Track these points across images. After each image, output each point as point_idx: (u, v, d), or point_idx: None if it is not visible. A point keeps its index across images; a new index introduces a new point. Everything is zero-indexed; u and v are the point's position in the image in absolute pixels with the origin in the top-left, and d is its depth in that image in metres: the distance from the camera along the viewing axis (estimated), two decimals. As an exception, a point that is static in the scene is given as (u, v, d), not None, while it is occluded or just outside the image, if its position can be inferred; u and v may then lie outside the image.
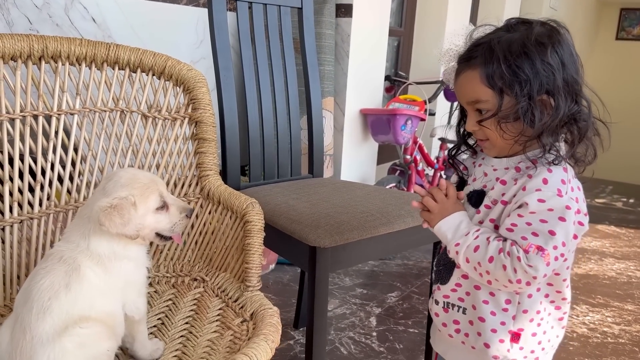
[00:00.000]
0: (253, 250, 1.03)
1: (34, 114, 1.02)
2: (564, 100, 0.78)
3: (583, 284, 2.42)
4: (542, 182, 0.77)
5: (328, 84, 2.43)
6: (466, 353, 0.90)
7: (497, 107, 0.79)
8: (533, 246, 0.75)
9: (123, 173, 0.86)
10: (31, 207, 1.02)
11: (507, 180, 0.82)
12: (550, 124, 0.78)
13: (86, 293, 0.80)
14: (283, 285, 2.19)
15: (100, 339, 0.79)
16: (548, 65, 0.77)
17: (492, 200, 0.83)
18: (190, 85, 1.14)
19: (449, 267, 0.90)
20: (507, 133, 0.80)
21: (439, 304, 0.92)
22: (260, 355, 0.79)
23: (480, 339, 0.86)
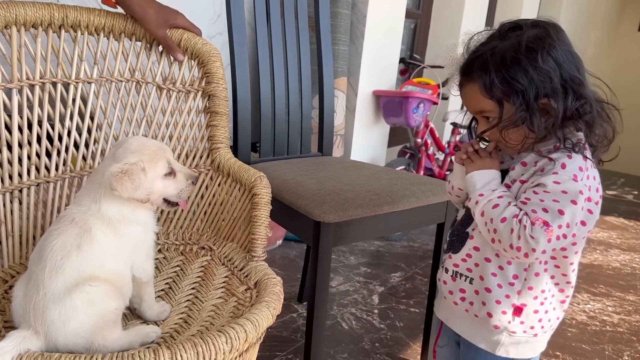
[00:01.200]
0: (259, 222, 1.06)
1: (52, 81, 1.05)
2: (563, 100, 0.80)
3: (587, 273, 2.43)
4: (560, 166, 0.80)
5: (342, 63, 2.43)
6: (468, 320, 0.94)
7: (498, 117, 0.82)
8: (540, 220, 0.77)
9: (132, 140, 0.89)
10: (48, 171, 1.06)
11: (527, 162, 0.85)
12: (552, 125, 0.80)
13: (96, 253, 0.83)
14: (289, 261, 2.23)
15: (108, 297, 0.81)
16: (542, 70, 0.79)
17: (512, 179, 0.86)
18: (204, 59, 1.16)
19: (462, 237, 0.93)
20: (510, 141, 0.84)
21: (448, 272, 0.95)
22: (262, 320, 0.83)
23: (484, 309, 0.90)
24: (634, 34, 7.09)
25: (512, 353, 0.91)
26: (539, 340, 0.92)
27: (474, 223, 0.90)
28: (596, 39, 6.22)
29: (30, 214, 1.03)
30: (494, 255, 0.88)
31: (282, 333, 1.64)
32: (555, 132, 0.81)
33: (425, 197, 1.30)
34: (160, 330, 0.89)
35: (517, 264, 0.87)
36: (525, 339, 0.90)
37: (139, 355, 0.70)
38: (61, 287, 0.78)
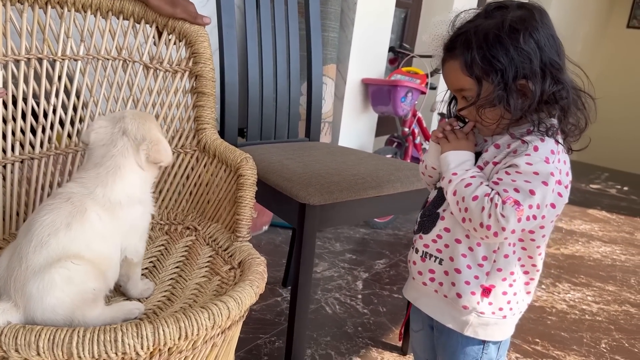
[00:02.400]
0: (245, 203, 1.06)
1: (38, 57, 1.05)
2: (541, 83, 0.81)
3: (568, 264, 2.47)
4: (533, 149, 0.81)
5: (331, 50, 2.44)
6: (437, 301, 0.95)
7: (476, 95, 0.83)
8: (511, 199, 0.79)
9: (131, 115, 0.91)
10: (32, 148, 1.05)
11: (500, 145, 0.86)
12: (528, 107, 0.81)
13: (86, 234, 0.83)
14: (275, 246, 2.24)
15: (88, 277, 0.80)
16: (523, 51, 0.80)
17: (484, 161, 0.88)
18: (192, 39, 1.16)
19: (432, 218, 0.94)
20: (486, 120, 0.84)
21: (418, 252, 0.96)
22: (245, 298, 0.83)
23: (453, 289, 0.91)
24: (623, 30, 7.15)
25: (480, 334, 0.92)
26: (507, 322, 0.93)
27: (445, 204, 0.91)
28: (585, 35, 6.26)
29: (14, 191, 1.03)
30: (464, 237, 0.89)
31: (265, 316, 1.65)
32: (531, 115, 0.82)
33: (410, 183, 1.32)
34: (144, 307, 0.90)
35: (486, 245, 0.88)
36: (494, 320, 0.91)
37: (121, 329, 0.71)
38: (42, 262, 0.78)
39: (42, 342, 0.68)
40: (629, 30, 7.12)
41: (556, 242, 2.75)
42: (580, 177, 4.43)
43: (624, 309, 2.07)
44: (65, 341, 0.68)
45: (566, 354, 1.67)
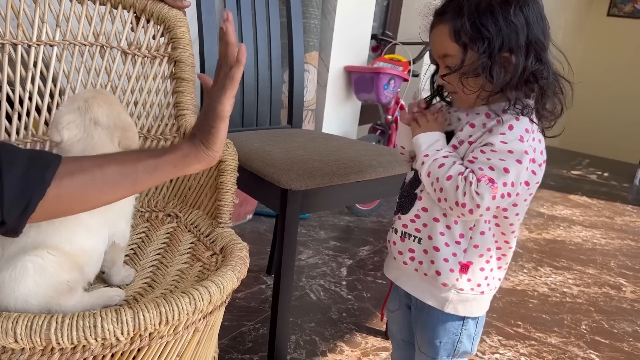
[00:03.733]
0: (226, 189, 1.06)
1: (13, 42, 1.02)
2: (524, 59, 0.81)
3: (550, 248, 2.51)
4: (507, 127, 0.82)
5: (313, 37, 2.42)
6: (418, 280, 0.96)
7: (460, 62, 0.83)
8: (486, 177, 0.80)
9: (94, 102, 0.88)
10: (8, 135, 1.04)
11: (476, 124, 0.87)
12: (510, 81, 0.82)
13: (69, 227, 0.81)
14: (259, 235, 2.24)
15: (62, 269, 0.79)
16: (511, 23, 0.80)
17: (459, 140, 0.88)
18: (170, 24, 1.15)
19: (411, 198, 0.95)
20: (468, 88, 0.84)
21: (397, 232, 0.97)
22: (227, 283, 0.83)
23: (432, 267, 0.92)
24: (604, 18, 7.21)
25: (460, 310, 0.93)
26: (484, 298, 0.94)
27: (422, 184, 0.92)
28: (566, 23, 6.31)
29: (-10, 179, 1.01)
30: (442, 215, 0.90)
31: (250, 304, 1.65)
32: (510, 91, 0.82)
33: (392, 168, 1.32)
34: (124, 293, 0.89)
35: (463, 223, 0.89)
36: (473, 296, 0.93)
37: (100, 314, 0.70)
38: (18, 251, 0.77)
39: (20, 329, 0.67)
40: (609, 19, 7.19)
41: (538, 227, 2.78)
42: (562, 163, 4.48)
43: (603, 291, 2.10)
44: (44, 327, 0.67)
45: (547, 335, 1.70)
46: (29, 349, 0.68)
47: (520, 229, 2.69)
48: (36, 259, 0.76)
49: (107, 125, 0.88)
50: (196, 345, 0.85)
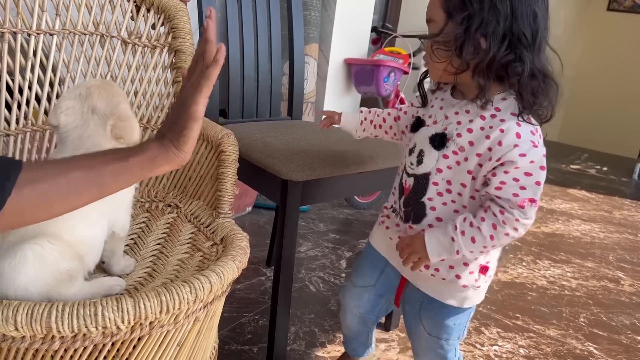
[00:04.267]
0: (227, 179, 1.05)
1: (12, 31, 1.02)
2: (496, 48, 0.81)
3: (548, 242, 2.51)
4: (516, 137, 0.81)
5: (313, 29, 2.41)
6: (435, 283, 0.96)
7: (439, 30, 0.84)
8: (526, 200, 0.81)
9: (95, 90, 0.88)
10: (8, 124, 1.03)
11: (474, 129, 0.86)
12: (477, 64, 0.82)
13: (70, 217, 0.81)
14: (259, 227, 2.24)
15: (62, 258, 0.79)
16: (495, 9, 0.80)
17: (460, 147, 0.87)
18: (171, 14, 1.14)
19: (419, 207, 0.94)
20: (436, 56, 0.85)
21: None
22: (227, 272, 0.83)
23: (452, 272, 0.92)
24: (603, 14, 7.19)
25: (475, 301, 0.96)
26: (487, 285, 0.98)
27: (428, 192, 0.91)
28: (566, 19, 6.29)
29: (-11, 168, 1.01)
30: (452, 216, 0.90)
31: (249, 295, 1.66)
32: (478, 76, 0.82)
33: (392, 160, 1.32)
34: (125, 283, 0.89)
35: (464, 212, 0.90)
36: (483, 287, 0.95)
37: (101, 303, 0.70)
38: (18, 239, 0.76)
39: (20, 317, 0.67)
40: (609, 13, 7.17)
41: (537, 221, 2.78)
42: (561, 157, 4.48)
43: (602, 284, 2.11)
44: (44, 316, 0.67)
45: (546, 327, 1.70)
46: (29, 336, 0.68)
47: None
48: (36, 248, 0.76)
49: (104, 114, 0.87)
50: (196, 335, 0.85)
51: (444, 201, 0.91)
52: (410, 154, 0.95)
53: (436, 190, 0.91)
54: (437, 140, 0.90)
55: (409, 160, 0.95)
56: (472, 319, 1.70)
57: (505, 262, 2.19)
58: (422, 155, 0.92)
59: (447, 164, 0.89)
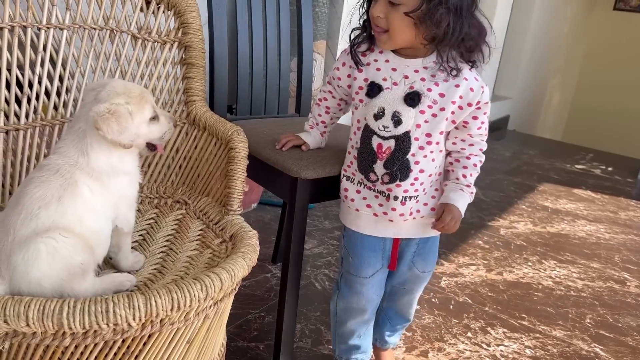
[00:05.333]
0: (236, 176, 1.05)
1: (22, 25, 1.01)
2: (465, 21, 0.92)
3: (554, 242, 2.50)
4: (476, 80, 0.99)
5: (321, 26, 2.40)
6: (416, 224, 1.10)
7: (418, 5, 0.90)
8: None
9: (115, 83, 0.85)
10: (17, 119, 1.03)
11: (439, 82, 0.98)
12: (450, 37, 0.92)
13: (78, 208, 0.81)
14: (264, 224, 2.24)
15: (75, 251, 0.79)
16: None
17: (433, 100, 0.98)
18: (181, 9, 1.13)
19: (404, 165, 1.02)
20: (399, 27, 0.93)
21: (397, 199, 1.04)
22: (237, 270, 0.82)
23: (426, 208, 1.08)
24: (610, 12, 7.16)
25: None
26: None
27: (412, 148, 1.00)
28: (572, 17, 6.27)
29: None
30: (433, 168, 1.04)
31: (255, 292, 1.65)
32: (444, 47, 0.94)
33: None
34: (135, 279, 0.89)
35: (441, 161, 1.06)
36: None
37: (112, 300, 0.70)
38: (30, 233, 0.76)
39: (32, 313, 0.66)
40: (615, 12, 7.14)
41: (542, 221, 2.77)
42: (566, 157, 4.46)
43: (608, 285, 2.10)
44: (56, 312, 0.66)
45: (552, 328, 1.70)
46: (40, 332, 0.68)
47: (524, 222, 2.68)
48: (49, 241, 0.76)
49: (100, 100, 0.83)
50: (206, 332, 0.85)
51: (424, 154, 1.01)
52: (379, 118, 1.00)
53: (418, 145, 1.00)
54: (414, 99, 0.98)
55: (380, 124, 1.00)
56: (478, 318, 1.69)
57: (510, 261, 2.19)
58: (399, 116, 0.99)
59: (424, 119, 0.99)
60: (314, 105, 1.22)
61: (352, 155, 1.08)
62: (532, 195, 3.23)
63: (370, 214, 1.08)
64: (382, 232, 1.10)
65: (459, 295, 1.83)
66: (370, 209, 1.08)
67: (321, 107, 1.20)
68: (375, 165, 1.03)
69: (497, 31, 4.42)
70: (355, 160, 1.07)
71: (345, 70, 1.09)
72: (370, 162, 1.04)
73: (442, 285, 1.88)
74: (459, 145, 1.06)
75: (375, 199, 1.06)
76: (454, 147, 1.07)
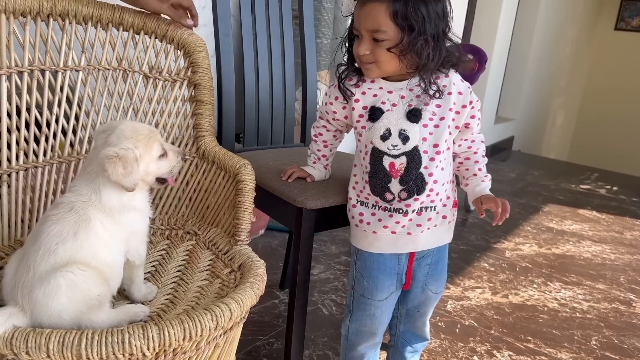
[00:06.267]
0: (244, 207, 1.09)
1: (41, 69, 1.08)
2: (443, 46, 1.01)
3: (559, 263, 2.52)
4: (461, 82, 1.07)
5: (325, 57, 2.47)
6: (431, 234, 1.14)
7: (399, 40, 0.98)
8: None
9: (124, 126, 0.90)
10: (36, 157, 1.08)
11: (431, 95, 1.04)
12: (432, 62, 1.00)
13: (92, 243, 0.85)
14: (272, 250, 2.27)
15: (93, 283, 0.83)
16: (436, 14, 0.98)
17: (432, 112, 1.05)
18: (190, 49, 1.19)
19: (420, 178, 1.07)
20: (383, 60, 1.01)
21: (414, 212, 1.09)
22: (246, 300, 0.87)
23: (438, 216, 1.13)
24: (611, 33, 7.24)
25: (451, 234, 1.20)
26: None
27: (424, 161, 1.06)
28: (574, 37, 6.34)
29: (19, 198, 1.06)
30: (446, 175, 1.10)
31: (264, 318, 1.68)
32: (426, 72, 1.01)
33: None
34: (149, 310, 0.92)
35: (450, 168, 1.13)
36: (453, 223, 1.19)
37: (127, 331, 0.74)
38: (49, 268, 0.80)
39: (52, 345, 0.71)
40: (616, 33, 7.21)
41: (547, 242, 2.79)
42: (571, 177, 4.48)
43: (613, 306, 2.11)
44: (75, 343, 0.71)
45: (557, 351, 1.71)
46: (60, 363, 0.72)
47: (529, 244, 2.70)
48: (68, 275, 0.80)
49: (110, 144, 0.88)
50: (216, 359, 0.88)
51: (436, 165, 1.07)
52: (386, 138, 1.06)
53: (428, 157, 1.06)
54: (416, 115, 1.05)
55: (389, 144, 1.06)
56: (484, 341, 1.71)
57: (516, 284, 2.21)
58: (406, 133, 1.05)
59: (428, 131, 1.05)
60: (311, 142, 1.26)
61: (363, 180, 1.12)
62: (537, 216, 3.25)
63: (389, 233, 1.11)
64: (401, 248, 1.13)
65: (465, 319, 1.85)
66: (387, 229, 1.10)
67: (318, 143, 1.25)
68: (391, 183, 1.08)
69: (498, 53, 4.50)
70: (367, 184, 1.11)
71: (339, 104, 1.14)
72: (384, 181, 1.08)
73: (448, 309, 1.91)
74: (466, 145, 1.15)
75: (390, 218, 1.09)
76: (461, 149, 1.15)
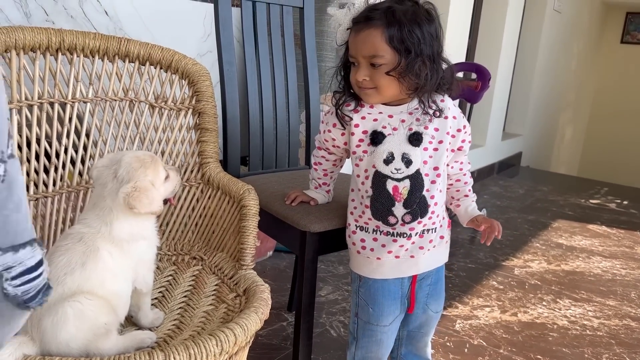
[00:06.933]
0: (248, 232, 1.12)
1: (50, 101, 1.11)
2: (439, 66, 1.03)
3: (569, 280, 2.51)
4: (454, 106, 1.10)
5: (328, 80, 2.50)
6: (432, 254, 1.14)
7: (397, 63, 0.99)
8: None
9: (127, 158, 0.93)
10: (46, 187, 1.11)
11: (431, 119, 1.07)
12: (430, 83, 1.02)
13: (99, 272, 0.88)
14: (279, 271, 2.28)
15: (100, 312, 0.85)
16: (430, 35, 1.00)
17: (431, 136, 1.07)
18: (194, 79, 1.23)
19: (423, 202, 1.08)
20: (383, 84, 1.02)
21: (417, 235, 1.10)
22: (250, 325, 0.88)
23: (438, 237, 1.14)
24: (617, 46, 7.25)
25: None
26: None
27: (426, 184, 1.08)
28: (579, 51, 6.36)
29: (29, 228, 1.08)
30: (443, 198, 1.13)
31: (272, 341, 1.69)
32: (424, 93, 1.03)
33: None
34: (155, 336, 0.94)
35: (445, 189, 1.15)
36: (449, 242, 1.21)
37: (134, 357, 0.76)
38: (57, 298, 0.83)
39: (61, 372, 0.73)
40: (623, 46, 7.23)
41: (556, 259, 2.78)
42: (580, 192, 4.47)
43: (624, 323, 2.09)
44: (83, 371, 0.72)
45: (568, 369, 1.70)
46: (69, 391, 0.73)
47: (538, 261, 2.69)
48: (75, 304, 0.82)
49: (122, 180, 0.91)
50: (222, 384, 0.90)
51: (437, 187, 1.08)
52: (389, 162, 1.07)
53: (429, 180, 1.08)
54: (418, 138, 1.06)
55: (392, 167, 1.07)
56: (493, 361, 1.71)
57: (525, 302, 2.20)
58: (408, 156, 1.06)
59: (428, 155, 1.07)
60: (312, 170, 1.28)
61: (363, 205, 1.11)
62: (547, 232, 3.24)
63: (392, 257, 1.10)
64: (404, 272, 1.13)
65: (474, 338, 1.84)
66: (391, 254, 1.10)
67: (319, 171, 1.27)
68: (394, 207, 1.07)
69: (503, 69, 4.52)
70: (367, 209, 1.09)
71: (337, 130, 1.14)
72: (388, 205, 1.07)
73: (457, 329, 1.90)
74: (457, 167, 1.17)
75: (394, 243, 1.09)
76: (453, 170, 1.17)
